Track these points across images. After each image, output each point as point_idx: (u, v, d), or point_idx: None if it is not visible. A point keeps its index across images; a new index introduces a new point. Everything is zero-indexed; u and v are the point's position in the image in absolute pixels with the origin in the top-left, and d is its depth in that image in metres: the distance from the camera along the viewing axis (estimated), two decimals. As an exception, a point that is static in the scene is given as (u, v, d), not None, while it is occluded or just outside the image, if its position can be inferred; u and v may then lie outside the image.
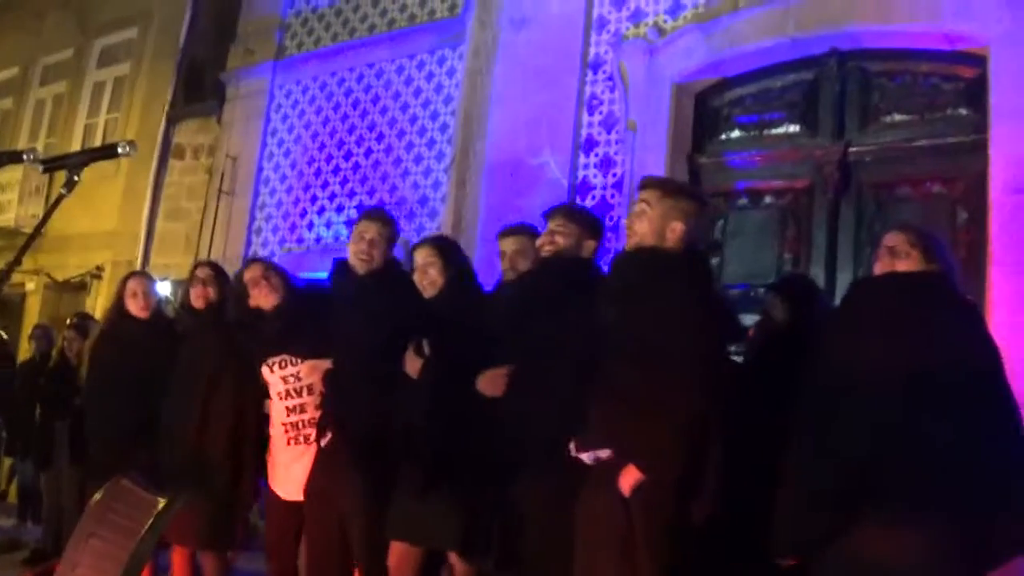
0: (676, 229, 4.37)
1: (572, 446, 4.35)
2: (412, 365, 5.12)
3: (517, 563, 4.72)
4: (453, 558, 5.13)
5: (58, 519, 9.30)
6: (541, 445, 4.56)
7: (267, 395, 5.92)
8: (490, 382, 4.85)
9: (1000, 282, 7.12)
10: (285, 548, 5.86)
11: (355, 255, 5.49)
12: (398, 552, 5.24)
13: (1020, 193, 7.20)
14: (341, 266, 5.61)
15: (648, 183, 4.57)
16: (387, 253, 5.58)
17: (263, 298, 5.86)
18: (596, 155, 9.45)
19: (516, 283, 5.18)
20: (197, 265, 6.54)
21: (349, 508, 5.33)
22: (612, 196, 9.16)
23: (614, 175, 9.26)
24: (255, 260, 6.27)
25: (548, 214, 5.08)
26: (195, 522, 5.82)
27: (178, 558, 6.25)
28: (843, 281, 8.15)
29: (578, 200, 9.18)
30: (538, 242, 5.05)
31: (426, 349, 5.09)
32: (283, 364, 5.81)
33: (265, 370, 5.85)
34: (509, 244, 5.39)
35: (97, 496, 2.98)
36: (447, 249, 5.55)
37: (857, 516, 3.80)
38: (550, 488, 4.52)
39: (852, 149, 8.42)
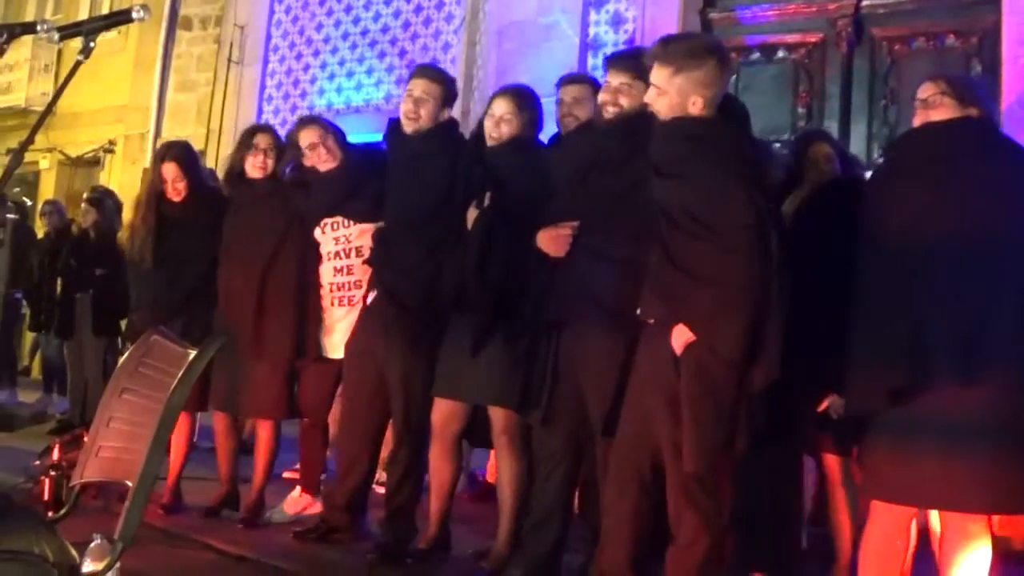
0: (697, 104, 4.14)
1: (639, 311, 4.26)
2: (471, 217, 5.02)
3: (563, 418, 4.70)
4: (493, 411, 5.15)
5: (83, 390, 9.43)
6: (595, 305, 4.50)
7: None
8: (552, 240, 4.67)
9: (1013, 135, 7.10)
10: (320, 405, 5.95)
11: (404, 115, 5.34)
12: (443, 410, 5.26)
13: (1033, 46, 7.18)
14: (394, 125, 5.47)
15: (655, 56, 4.24)
16: (436, 112, 5.37)
17: (321, 161, 5.76)
18: (607, 12, 9.37)
19: (582, 139, 4.84)
20: (256, 132, 6.25)
21: (390, 365, 5.35)
22: (624, 55, 9.09)
23: (625, 32, 9.19)
24: (311, 120, 6.08)
25: (612, 64, 4.75)
26: (253, 393, 5.90)
27: (220, 424, 6.33)
28: (857, 135, 8.14)
29: (590, 58, 9.13)
30: (601, 98, 4.72)
31: (486, 201, 4.96)
32: (335, 226, 5.74)
33: (317, 231, 5.80)
34: (569, 92, 5.06)
35: (128, 352, 3.03)
36: (527, 101, 5.22)
37: (923, 375, 3.76)
38: (601, 346, 4.47)
39: (865, 3, 8.36)
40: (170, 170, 6.21)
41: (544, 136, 5.28)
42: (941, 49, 8.07)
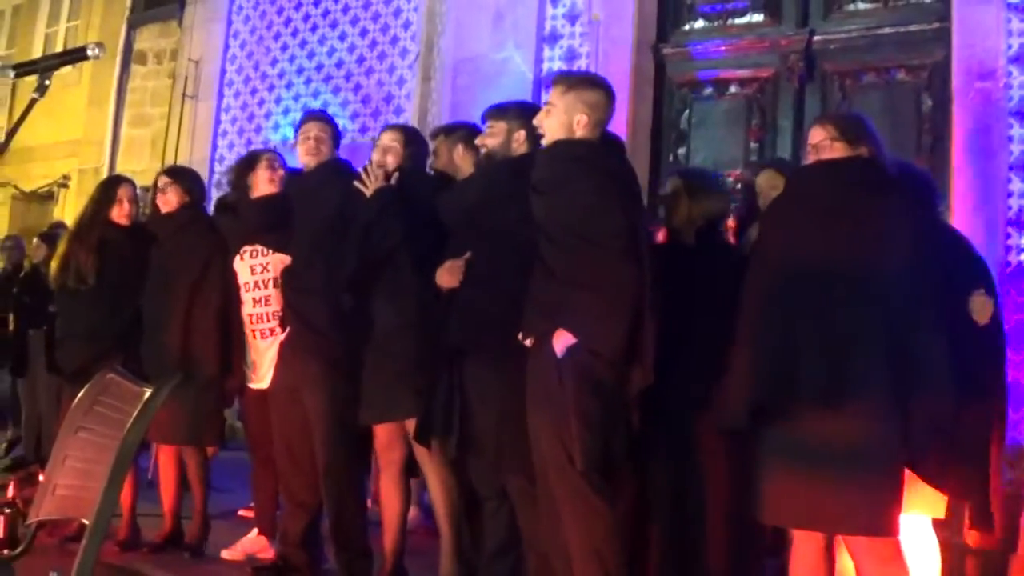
0: (581, 122, 4.50)
1: (520, 334, 4.48)
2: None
3: (476, 445, 4.83)
4: (420, 452, 5.19)
5: (37, 427, 9.36)
6: (492, 331, 4.69)
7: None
8: (447, 273, 4.90)
9: (964, 168, 7.22)
10: (263, 438, 5.95)
11: (305, 153, 5.75)
12: (380, 438, 5.39)
13: (983, 80, 7.28)
14: (294, 170, 5.92)
15: (553, 80, 4.73)
16: (332, 150, 5.82)
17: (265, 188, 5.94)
18: (560, 48, 9.43)
19: (471, 180, 5.20)
20: (160, 175, 6.50)
21: (307, 396, 5.49)
22: (578, 90, 9.13)
23: (579, 67, 9.22)
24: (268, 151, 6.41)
25: (484, 116, 5.18)
26: (180, 419, 5.87)
27: (163, 457, 6.32)
28: (808, 169, 8.22)
29: (544, 94, 9.17)
30: (478, 142, 5.15)
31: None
32: (254, 254, 5.83)
33: (236, 259, 5.89)
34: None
35: (84, 390, 3.02)
36: (412, 136, 5.66)
37: (787, 398, 3.93)
38: (504, 372, 4.63)
39: (816, 37, 8.44)
40: (128, 192, 6.39)
41: None
42: (891, 83, 8.17)
